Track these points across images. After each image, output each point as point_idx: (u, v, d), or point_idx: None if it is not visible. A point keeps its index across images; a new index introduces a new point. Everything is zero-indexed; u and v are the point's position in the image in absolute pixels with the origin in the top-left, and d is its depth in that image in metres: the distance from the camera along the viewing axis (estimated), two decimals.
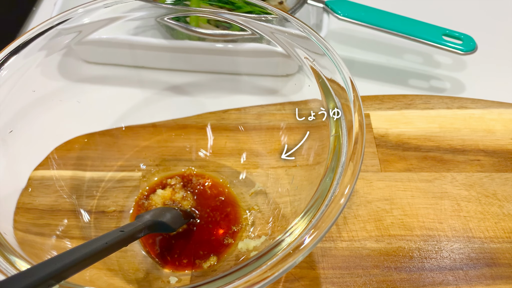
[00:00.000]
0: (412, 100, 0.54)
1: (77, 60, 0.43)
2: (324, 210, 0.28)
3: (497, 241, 0.43)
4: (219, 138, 0.49)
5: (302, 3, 0.56)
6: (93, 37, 0.40)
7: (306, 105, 0.39)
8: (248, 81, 0.49)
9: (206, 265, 0.40)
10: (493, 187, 0.47)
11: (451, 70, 0.60)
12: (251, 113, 0.49)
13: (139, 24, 0.43)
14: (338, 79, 0.34)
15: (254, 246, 0.39)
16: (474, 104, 0.53)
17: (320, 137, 0.35)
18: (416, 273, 0.41)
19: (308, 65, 0.36)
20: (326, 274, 0.41)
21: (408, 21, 0.55)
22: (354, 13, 0.55)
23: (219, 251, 0.41)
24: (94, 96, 0.45)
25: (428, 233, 0.43)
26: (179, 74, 0.51)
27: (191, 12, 0.42)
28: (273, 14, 0.39)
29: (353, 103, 0.33)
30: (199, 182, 0.46)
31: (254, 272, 0.26)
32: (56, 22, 0.38)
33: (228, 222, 0.43)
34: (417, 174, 0.48)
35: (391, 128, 0.51)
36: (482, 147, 0.50)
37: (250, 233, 0.42)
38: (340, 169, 0.30)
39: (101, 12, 0.39)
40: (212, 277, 0.26)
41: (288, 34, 0.38)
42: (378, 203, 0.45)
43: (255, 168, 0.46)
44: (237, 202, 0.44)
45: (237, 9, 0.41)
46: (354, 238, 0.43)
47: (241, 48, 0.47)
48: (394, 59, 0.62)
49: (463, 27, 0.56)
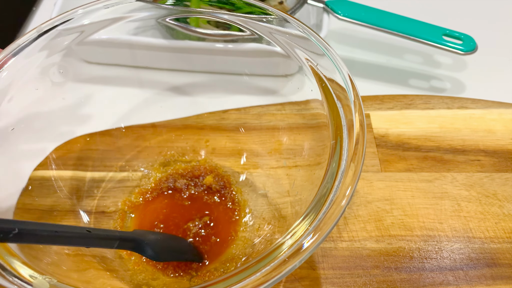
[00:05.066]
0: (412, 100, 0.54)
1: (77, 60, 0.43)
2: (326, 212, 0.27)
3: (498, 241, 0.43)
4: (219, 138, 0.49)
5: (302, 3, 0.56)
6: (94, 38, 0.40)
7: (306, 105, 0.39)
8: (248, 81, 0.49)
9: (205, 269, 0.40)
10: (493, 187, 0.47)
11: (451, 70, 0.60)
12: (251, 113, 0.49)
13: (139, 24, 0.43)
14: (338, 79, 0.34)
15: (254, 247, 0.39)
16: (475, 104, 0.53)
17: (321, 137, 0.35)
18: (416, 273, 0.41)
19: (308, 65, 0.36)
20: (327, 275, 0.41)
21: (408, 21, 0.55)
22: (354, 13, 0.55)
23: (218, 253, 0.41)
24: (94, 96, 0.45)
25: (428, 233, 0.43)
26: (179, 74, 0.51)
27: (191, 13, 0.42)
28: (273, 14, 0.39)
29: (353, 103, 0.33)
30: (200, 181, 0.46)
31: (256, 274, 0.26)
32: (56, 23, 0.38)
33: (228, 223, 0.43)
34: (417, 174, 0.48)
35: (391, 128, 0.51)
36: (483, 147, 0.50)
37: (250, 233, 0.42)
38: (341, 170, 0.30)
39: (101, 13, 0.39)
40: (212, 280, 0.26)
41: (287, 35, 0.38)
42: (378, 203, 0.45)
43: (255, 168, 0.46)
44: (237, 202, 0.44)
45: (237, 10, 0.41)
46: (354, 239, 0.43)
47: (241, 48, 0.47)
48: (394, 59, 0.61)
49: (463, 27, 0.55)
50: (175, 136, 0.49)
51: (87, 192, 0.44)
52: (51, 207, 0.40)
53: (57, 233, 0.29)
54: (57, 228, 0.29)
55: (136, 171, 0.47)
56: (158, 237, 0.38)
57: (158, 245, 0.37)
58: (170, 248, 0.39)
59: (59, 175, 0.42)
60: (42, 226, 0.28)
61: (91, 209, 0.43)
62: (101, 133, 0.46)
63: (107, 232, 0.33)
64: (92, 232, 0.31)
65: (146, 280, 0.39)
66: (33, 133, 0.40)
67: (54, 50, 0.38)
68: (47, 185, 0.41)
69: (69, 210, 0.41)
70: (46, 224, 0.29)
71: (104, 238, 0.32)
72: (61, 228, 0.29)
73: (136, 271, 0.39)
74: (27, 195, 0.38)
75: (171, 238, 0.40)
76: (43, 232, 0.28)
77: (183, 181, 0.46)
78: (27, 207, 0.38)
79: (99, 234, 0.32)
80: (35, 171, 0.40)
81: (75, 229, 0.31)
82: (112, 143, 0.47)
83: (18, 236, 0.26)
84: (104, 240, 0.32)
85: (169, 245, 0.39)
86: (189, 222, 0.43)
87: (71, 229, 0.30)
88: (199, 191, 0.45)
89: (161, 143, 0.48)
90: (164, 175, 0.47)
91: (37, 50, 0.37)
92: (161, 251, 0.37)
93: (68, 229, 0.30)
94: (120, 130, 0.47)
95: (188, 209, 0.44)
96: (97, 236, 0.32)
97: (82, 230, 0.31)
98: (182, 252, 0.40)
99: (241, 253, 0.40)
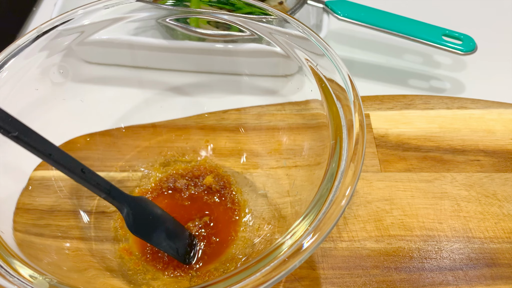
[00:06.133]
0: (412, 100, 0.54)
1: (77, 60, 0.43)
2: (325, 212, 0.27)
3: (497, 241, 0.43)
4: (219, 138, 0.49)
5: (302, 4, 0.56)
6: (94, 38, 0.40)
7: (306, 105, 0.39)
8: (248, 81, 0.49)
9: (205, 269, 0.40)
10: (493, 187, 0.47)
11: (451, 70, 0.60)
12: (251, 113, 0.49)
13: (139, 24, 0.43)
14: (337, 79, 0.34)
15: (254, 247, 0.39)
16: (474, 104, 0.53)
17: (320, 137, 0.35)
18: (416, 273, 0.41)
19: (308, 65, 0.36)
20: (326, 275, 0.41)
21: (408, 21, 0.55)
22: (354, 13, 0.55)
23: (218, 253, 0.41)
24: (94, 96, 0.45)
25: (428, 233, 0.43)
26: (179, 75, 0.51)
27: (191, 13, 0.42)
28: (273, 15, 0.39)
29: (353, 103, 0.33)
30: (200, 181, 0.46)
31: (255, 274, 0.26)
32: (56, 23, 0.38)
33: (228, 223, 0.43)
34: (417, 174, 0.48)
35: (391, 128, 0.51)
36: (482, 147, 0.50)
37: (250, 233, 0.42)
38: (341, 170, 0.30)
39: (101, 13, 0.39)
40: (212, 280, 0.26)
41: (287, 35, 0.38)
42: (378, 203, 0.45)
43: (255, 168, 0.46)
44: (237, 202, 0.44)
45: (237, 10, 0.41)
46: (354, 239, 0.43)
47: (241, 48, 0.47)
48: (394, 59, 0.62)
49: (463, 27, 0.56)
50: (175, 136, 0.49)
51: (87, 192, 0.44)
52: (51, 207, 0.40)
53: (51, 156, 0.30)
54: (54, 151, 0.30)
55: (136, 171, 0.47)
56: (151, 211, 0.38)
57: (141, 218, 0.36)
58: (155, 228, 0.38)
59: (59, 175, 0.42)
60: (43, 144, 0.29)
61: (91, 209, 0.43)
62: (101, 133, 0.46)
63: (98, 180, 0.33)
64: (85, 174, 0.32)
65: (146, 280, 0.39)
66: None
67: (54, 51, 0.39)
68: (47, 185, 0.41)
69: (69, 210, 0.41)
70: (48, 144, 0.30)
71: (93, 185, 0.33)
72: (57, 154, 0.30)
73: (136, 271, 0.39)
74: (27, 195, 0.39)
75: (167, 222, 0.39)
76: (39, 147, 0.29)
77: (183, 181, 0.46)
78: (27, 207, 0.38)
79: (90, 179, 0.32)
80: (35, 171, 0.40)
81: (70, 162, 0.31)
82: (112, 143, 0.47)
83: (14, 139, 0.28)
84: (93, 186, 0.33)
85: (156, 226, 0.38)
86: (189, 222, 0.43)
87: (66, 160, 0.31)
88: (199, 191, 0.45)
89: (161, 143, 0.48)
90: (164, 175, 0.47)
91: (37, 51, 0.37)
92: (141, 226, 0.37)
93: (63, 159, 0.31)
94: (120, 130, 0.47)
95: (188, 209, 0.44)
96: (87, 179, 0.32)
97: (76, 168, 0.31)
98: (166, 240, 0.39)
99: (241, 253, 0.40)
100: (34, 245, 0.35)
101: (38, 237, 0.37)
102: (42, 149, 0.29)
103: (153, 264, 0.40)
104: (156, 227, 0.38)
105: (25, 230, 0.35)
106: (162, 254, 0.41)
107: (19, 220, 0.36)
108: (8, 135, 0.28)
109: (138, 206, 0.36)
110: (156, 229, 0.38)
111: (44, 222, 0.39)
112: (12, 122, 0.28)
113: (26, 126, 0.29)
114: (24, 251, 0.31)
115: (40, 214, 0.39)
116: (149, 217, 0.38)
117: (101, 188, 0.33)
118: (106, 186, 0.34)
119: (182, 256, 0.39)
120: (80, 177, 0.32)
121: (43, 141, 0.30)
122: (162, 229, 0.38)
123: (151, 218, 0.38)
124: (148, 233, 0.37)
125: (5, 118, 0.28)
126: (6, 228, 0.33)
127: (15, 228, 0.34)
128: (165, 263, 0.40)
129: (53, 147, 0.30)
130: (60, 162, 0.30)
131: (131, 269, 0.40)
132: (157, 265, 0.40)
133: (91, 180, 0.33)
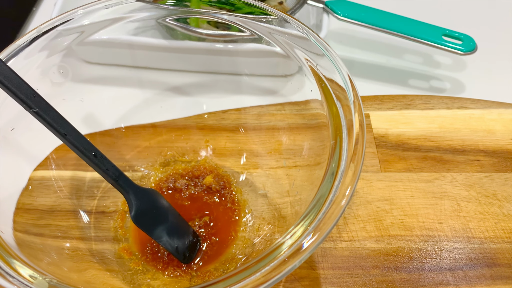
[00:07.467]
0: (412, 100, 0.54)
1: (77, 60, 0.43)
2: (325, 212, 0.27)
3: (497, 241, 0.43)
4: (219, 138, 0.49)
5: (302, 4, 0.56)
6: (94, 38, 0.40)
7: (306, 105, 0.39)
8: (248, 81, 0.49)
9: (205, 269, 0.40)
10: (493, 187, 0.47)
11: (451, 70, 0.60)
12: (251, 113, 0.49)
13: (139, 24, 0.43)
14: (337, 79, 0.34)
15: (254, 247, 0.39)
16: (474, 104, 0.53)
17: (320, 137, 0.35)
18: (416, 273, 0.41)
19: (308, 65, 0.36)
20: (326, 275, 0.41)
21: (408, 21, 0.55)
22: (354, 13, 0.55)
23: (218, 253, 0.41)
24: (94, 96, 0.45)
25: (428, 233, 0.43)
26: (179, 75, 0.51)
27: (191, 13, 0.42)
28: (273, 15, 0.39)
29: (353, 103, 0.33)
30: (199, 181, 0.46)
31: (255, 274, 0.26)
32: (56, 23, 0.38)
33: (228, 223, 0.43)
34: (417, 174, 0.48)
35: (391, 128, 0.51)
36: (482, 147, 0.50)
37: (250, 233, 0.42)
38: (340, 170, 0.30)
39: (101, 13, 0.39)
40: (212, 280, 0.26)
41: (287, 35, 0.38)
42: (378, 203, 0.45)
43: (255, 168, 0.46)
44: (237, 202, 0.44)
45: (237, 10, 0.41)
46: (354, 239, 0.43)
47: (241, 48, 0.47)
48: (394, 59, 0.62)
49: (463, 27, 0.56)
50: (175, 136, 0.49)
51: (87, 192, 0.44)
52: (51, 207, 0.40)
53: (66, 136, 0.32)
54: (70, 132, 0.32)
55: (136, 171, 0.47)
56: (157, 205, 0.38)
57: (146, 209, 0.37)
58: (158, 222, 0.38)
59: (59, 175, 0.42)
60: (60, 123, 0.31)
61: (91, 209, 0.43)
62: (101, 133, 0.46)
63: (108, 166, 0.34)
64: (97, 158, 0.33)
65: (146, 280, 0.39)
66: (33, 133, 0.40)
67: (54, 51, 0.39)
68: (47, 185, 0.41)
69: (69, 210, 0.41)
70: (66, 124, 0.32)
71: (103, 170, 0.34)
72: (72, 135, 0.32)
73: (136, 271, 0.39)
74: (27, 195, 0.38)
75: (172, 218, 0.40)
76: (55, 126, 0.31)
77: (183, 181, 0.46)
78: (27, 207, 0.38)
79: (101, 163, 0.34)
80: (35, 171, 0.40)
81: (84, 144, 0.33)
82: (112, 143, 0.47)
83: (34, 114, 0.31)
84: (102, 171, 0.34)
85: (159, 220, 0.38)
86: (189, 222, 0.43)
87: (80, 142, 0.32)
88: (199, 191, 0.45)
89: (161, 143, 0.48)
90: (164, 175, 0.47)
91: (37, 51, 0.37)
92: (144, 217, 0.37)
93: (78, 140, 0.32)
94: (120, 130, 0.47)
95: (188, 209, 0.44)
96: (97, 163, 0.34)
97: (89, 151, 0.33)
98: (167, 236, 0.39)
99: (241, 253, 0.40)
100: (34, 245, 0.35)
101: (38, 237, 0.37)
102: (58, 128, 0.31)
103: (153, 264, 0.40)
104: (159, 221, 0.38)
105: (25, 230, 0.35)
106: (162, 254, 0.41)
107: (19, 220, 0.36)
108: (30, 110, 0.30)
109: (145, 197, 0.37)
110: (159, 223, 0.38)
111: (44, 222, 0.39)
112: (36, 99, 0.30)
113: (48, 104, 0.31)
114: (24, 251, 0.31)
115: (40, 214, 0.39)
116: (154, 210, 0.38)
117: (110, 174, 0.35)
118: (115, 173, 0.35)
119: (181, 254, 0.39)
120: (91, 160, 0.33)
121: (61, 120, 0.31)
122: (165, 224, 0.38)
123: (156, 212, 0.38)
124: (150, 226, 0.38)
125: (30, 95, 0.30)
126: (6, 228, 0.33)
127: (15, 228, 0.34)
128: (165, 263, 0.40)
129: (70, 128, 0.32)
130: (73, 143, 0.32)
131: (131, 269, 0.40)
132: (157, 265, 0.40)
133: (102, 165, 0.34)
